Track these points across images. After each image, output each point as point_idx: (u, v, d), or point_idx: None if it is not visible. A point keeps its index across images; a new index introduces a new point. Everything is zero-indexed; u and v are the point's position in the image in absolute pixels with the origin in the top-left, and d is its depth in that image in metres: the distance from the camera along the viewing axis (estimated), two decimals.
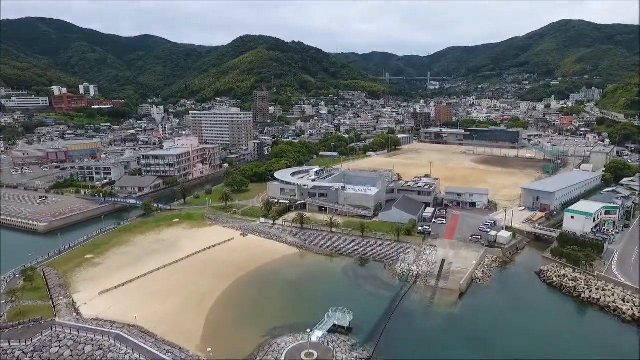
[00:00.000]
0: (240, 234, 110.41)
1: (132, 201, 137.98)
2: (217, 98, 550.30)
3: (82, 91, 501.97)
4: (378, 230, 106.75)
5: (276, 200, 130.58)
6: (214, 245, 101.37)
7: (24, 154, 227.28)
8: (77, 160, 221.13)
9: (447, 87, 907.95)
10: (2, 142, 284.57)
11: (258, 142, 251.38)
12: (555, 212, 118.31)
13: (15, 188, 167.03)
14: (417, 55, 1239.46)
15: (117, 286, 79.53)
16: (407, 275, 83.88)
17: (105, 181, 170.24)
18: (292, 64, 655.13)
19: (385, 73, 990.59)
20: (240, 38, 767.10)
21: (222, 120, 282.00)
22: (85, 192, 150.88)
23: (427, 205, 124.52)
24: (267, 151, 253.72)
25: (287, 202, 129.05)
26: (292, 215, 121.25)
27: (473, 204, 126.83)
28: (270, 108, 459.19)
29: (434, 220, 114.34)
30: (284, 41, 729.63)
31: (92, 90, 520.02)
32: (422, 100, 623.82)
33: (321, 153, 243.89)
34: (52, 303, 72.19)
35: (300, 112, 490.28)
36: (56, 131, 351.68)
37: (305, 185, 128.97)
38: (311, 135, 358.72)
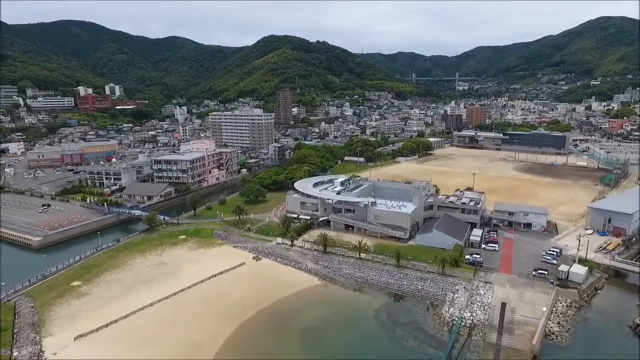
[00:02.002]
0: (253, 257, 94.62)
1: (138, 212, 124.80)
2: (240, 99, 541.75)
3: (107, 91, 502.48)
4: (416, 257, 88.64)
5: (295, 216, 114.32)
6: (222, 272, 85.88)
7: (38, 156, 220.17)
8: (92, 163, 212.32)
9: (476, 87, 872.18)
10: (22, 143, 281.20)
11: (279, 145, 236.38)
12: (634, 239, 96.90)
13: (22, 193, 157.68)
14: (445, 55, 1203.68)
15: (99, 328, 64.98)
16: (458, 325, 65.70)
17: (114, 187, 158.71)
18: (316, 64, 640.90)
19: (412, 73, 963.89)
20: (264, 38, 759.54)
21: (242, 122, 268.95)
22: (90, 200, 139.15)
23: (473, 226, 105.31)
24: (289, 155, 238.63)
25: (308, 218, 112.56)
26: (313, 234, 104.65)
27: (528, 225, 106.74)
28: (293, 109, 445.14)
29: (483, 245, 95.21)
30: (308, 41, 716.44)
31: (117, 91, 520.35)
32: (452, 102, 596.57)
33: (346, 158, 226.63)
34: (11, 355, 58.02)
35: (324, 113, 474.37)
36: (79, 132, 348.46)
37: (329, 199, 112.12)
38: (335, 137, 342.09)
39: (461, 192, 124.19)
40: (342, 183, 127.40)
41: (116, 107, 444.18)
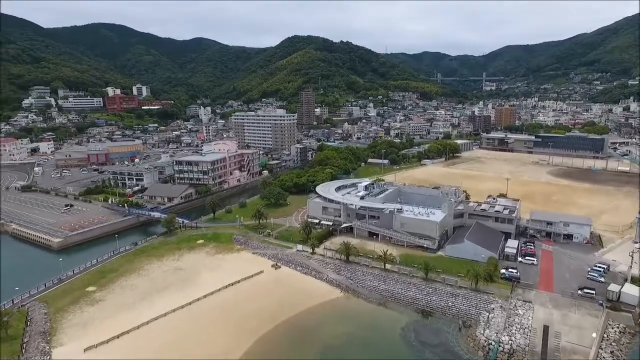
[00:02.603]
0: (272, 265, 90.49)
1: (157, 214, 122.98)
2: (263, 99, 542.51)
3: (135, 92, 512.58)
4: (446, 270, 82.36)
5: (317, 221, 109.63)
6: (239, 281, 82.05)
7: (66, 156, 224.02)
8: (116, 163, 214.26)
9: (504, 87, 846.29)
10: (52, 142, 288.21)
11: (301, 146, 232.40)
12: None
13: (47, 193, 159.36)
14: (471, 54, 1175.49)
15: (109, 340, 62.07)
16: (496, 350, 59.34)
17: (136, 188, 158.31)
18: (339, 64, 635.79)
19: (437, 73, 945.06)
20: (288, 39, 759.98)
21: (264, 123, 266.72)
22: (111, 201, 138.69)
23: (508, 236, 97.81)
24: (311, 156, 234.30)
25: (330, 223, 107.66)
26: (335, 241, 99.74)
27: (569, 236, 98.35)
28: (316, 110, 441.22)
29: (520, 258, 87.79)
30: (332, 41, 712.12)
31: (144, 91, 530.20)
32: (480, 102, 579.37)
33: (370, 160, 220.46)
34: None
35: (347, 114, 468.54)
36: (106, 132, 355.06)
37: (352, 205, 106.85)
38: (358, 138, 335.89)
39: (494, 198, 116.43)
40: (365, 187, 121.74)
41: (142, 107, 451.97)
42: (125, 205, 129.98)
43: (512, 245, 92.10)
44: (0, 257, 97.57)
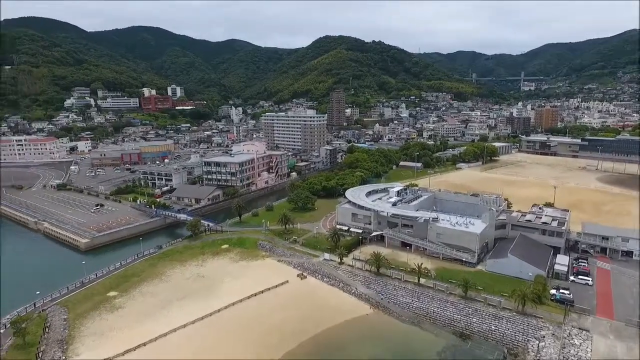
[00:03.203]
0: (298, 275, 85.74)
1: (184, 216, 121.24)
2: (294, 99, 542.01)
3: (169, 92, 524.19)
4: (488, 288, 74.71)
5: (346, 228, 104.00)
6: (262, 291, 77.78)
7: (101, 155, 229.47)
8: (148, 163, 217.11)
9: (544, 88, 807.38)
10: (90, 141, 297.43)
11: (331, 148, 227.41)
12: None
13: (81, 192, 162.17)
14: (509, 53, 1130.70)
15: (126, 352, 59.12)
16: None
17: (165, 188, 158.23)
18: (371, 64, 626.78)
19: (472, 73, 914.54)
20: (319, 39, 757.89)
21: (294, 123, 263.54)
22: (140, 201, 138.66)
23: (557, 251, 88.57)
24: (341, 158, 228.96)
25: (360, 231, 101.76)
26: (365, 250, 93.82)
27: (628, 253, 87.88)
28: (346, 110, 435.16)
29: (572, 277, 78.74)
30: (363, 41, 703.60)
31: (179, 92, 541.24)
32: (519, 103, 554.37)
33: (402, 163, 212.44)
34: None
35: (378, 114, 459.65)
36: (140, 131, 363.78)
37: (383, 212, 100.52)
38: (390, 140, 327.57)
39: (540, 208, 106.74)
40: (398, 193, 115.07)
41: (176, 108, 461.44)
42: (153, 206, 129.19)
43: (562, 261, 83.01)
44: None
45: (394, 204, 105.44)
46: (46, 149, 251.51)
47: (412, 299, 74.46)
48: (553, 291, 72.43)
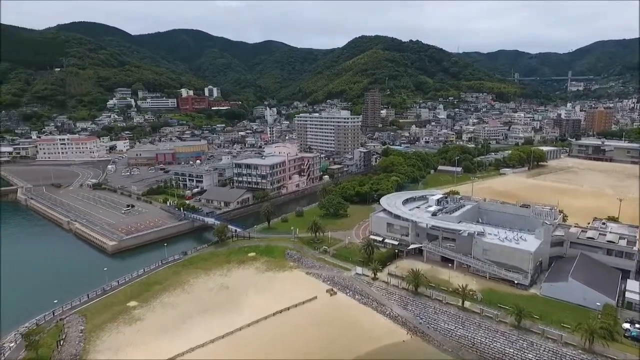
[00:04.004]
0: (327, 290, 79.07)
1: (211, 220, 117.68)
2: (328, 100, 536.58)
3: (206, 93, 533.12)
4: (545, 316, 64.88)
5: (380, 239, 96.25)
6: (289, 308, 71.75)
7: (136, 154, 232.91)
8: (182, 163, 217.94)
9: (594, 88, 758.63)
10: (128, 140, 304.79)
11: (365, 150, 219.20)
12: None
13: (115, 191, 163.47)
14: (554, 52, 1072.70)
15: None
16: None
17: (196, 190, 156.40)
18: (408, 64, 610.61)
19: (514, 73, 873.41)
20: (355, 39, 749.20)
21: (327, 125, 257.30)
22: (170, 203, 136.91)
23: (626, 275, 76.77)
24: (375, 161, 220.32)
25: (396, 243, 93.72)
26: (401, 265, 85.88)
27: None
28: (382, 111, 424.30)
29: None
30: (400, 40, 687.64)
31: (215, 92, 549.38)
32: (568, 104, 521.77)
33: (440, 167, 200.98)
34: None
35: (414, 116, 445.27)
36: (177, 131, 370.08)
37: (422, 223, 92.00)
38: (427, 142, 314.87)
39: (602, 223, 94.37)
40: (438, 201, 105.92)
41: (212, 108, 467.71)
42: (182, 208, 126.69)
43: (634, 288, 71.28)
44: None
45: (434, 214, 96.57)
46: (87, 148, 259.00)
47: (456, 326, 65.90)
48: (627, 325, 61.68)
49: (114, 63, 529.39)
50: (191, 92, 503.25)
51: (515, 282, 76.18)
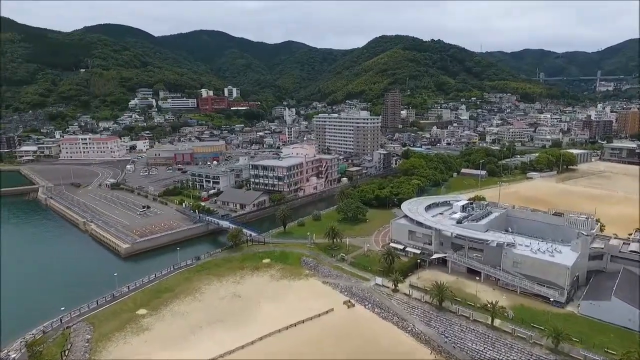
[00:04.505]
0: (344, 302, 74.56)
1: (226, 223, 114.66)
2: (347, 100, 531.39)
3: (226, 93, 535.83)
4: (586, 339, 58.71)
5: (401, 247, 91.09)
6: (303, 321, 67.63)
7: (155, 154, 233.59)
8: (200, 163, 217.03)
9: (625, 88, 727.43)
10: (148, 140, 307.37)
11: (385, 152, 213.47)
12: None
13: (132, 192, 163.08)
14: (582, 51, 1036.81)
15: None
16: None
17: (212, 191, 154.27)
18: (429, 64, 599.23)
19: (540, 73, 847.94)
20: (375, 39, 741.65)
21: (346, 125, 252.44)
22: (185, 204, 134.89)
23: None
24: (395, 163, 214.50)
25: (418, 252, 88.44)
26: (424, 276, 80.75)
27: None
28: (402, 112, 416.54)
29: None
30: (421, 40, 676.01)
31: (235, 93, 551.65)
32: (599, 104, 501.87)
33: (463, 170, 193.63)
34: None
35: (436, 116, 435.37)
36: (196, 131, 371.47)
37: (447, 231, 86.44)
38: (449, 144, 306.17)
39: None
40: (463, 208, 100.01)
41: (231, 108, 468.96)
42: (197, 210, 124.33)
43: None
44: None
45: (459, 222, 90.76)
46: (107, 147, 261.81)
47: (485, 346, 60.42)
48: None
49: (136, 64, 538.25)
50: (211, 93, 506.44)
51: (549, 298, 69.91)
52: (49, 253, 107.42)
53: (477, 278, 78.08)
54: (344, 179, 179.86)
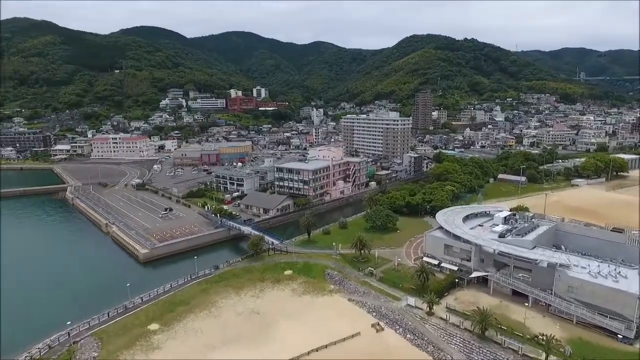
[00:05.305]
0: (373, 325, 67.06)
1: (248, 229, 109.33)
2: (376, 101, 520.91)
3: (254, 94, 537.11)
4: None
5: (436, 262, 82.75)
6: (326, 346, 60.77)
7: (182, 155, 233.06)
8: (226, 164, 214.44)
9: None
10: (176, 140, 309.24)
11: (416, 155, 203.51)
12: None
13: (156, 193, 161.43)
14: (627, 49, 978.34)
15: None
16: None
17: (236, 194, 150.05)
18: (462, 63, 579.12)
19: (580, 72, 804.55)
20: (406, 38, 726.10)
21: (375, 127, 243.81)
22: (207, 207, 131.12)
23: None
24: (426, 167, 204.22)
25: (455, 268, 79.84)
26: (462, 297, 72.22)
27: None
28: (433, 113, 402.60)
29: None
30: (454, 39, 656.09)
31: (263, 93, 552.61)
32: None
33: (500, 176, 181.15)
34: None
35: (469, 118, 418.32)
36: (224, 131, 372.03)
37: (488, 247, 77.38)
38: (483, 147, 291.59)
39: None
40: (505, 219, 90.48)
41: (259, 108, 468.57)
42: (219, 214, 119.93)
43: None
44: None
45: (501, 236, 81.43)
46: (137, 147, 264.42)
47: None
48: None
49: (168, 65, 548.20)
50: (240, 93, 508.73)
51: (612, 332, 59.99)
52: (68, 256, 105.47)
53: (526, 304, 68.39)
54: (372, 183, 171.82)
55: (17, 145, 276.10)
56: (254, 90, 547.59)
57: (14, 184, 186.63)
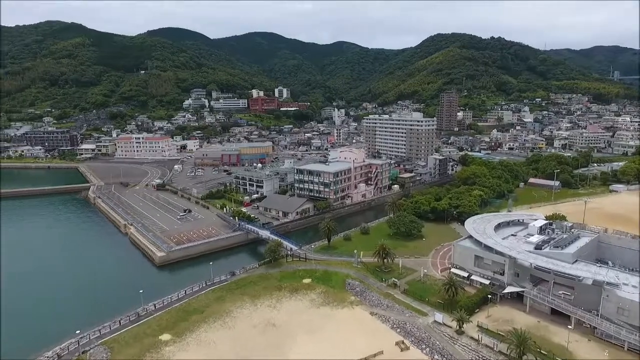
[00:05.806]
0: (397, 343, 62.08)
1: (266, 233, 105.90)
2: (399, 101, 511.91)
3: (276, 94, 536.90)
4: None
5: (466, 275, 76.93)
6: None
7: (203, 155, 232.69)
8: (246, 164, 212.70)
9: None
10: (197, 140, 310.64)
11: (440, 157, 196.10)
12: None
13: (175, 193, 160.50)
14: None
15: None
16: None
17: (255, 196, 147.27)
18: (488, 62, 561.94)
19: (614, 71, 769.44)
20: (430, 37, 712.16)
21: (398, 128, 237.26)
22: (226, 210, 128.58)
23: None
24: (452, 169, 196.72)
25: (487, 282, 73.84)
26: (495, 314, 66.33)
27: None
28: (458, 113, 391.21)
29: None
30: (480, 38, 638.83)
31: (285, 93, 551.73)
32: None
33: (531, 180, 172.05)
34: None
35: (495, 119, 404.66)
36: (245, 131, 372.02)
37: (524, 261, 71.03)
38: (511, 149, 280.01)
39: None
40: (541, 229, 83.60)
41: (281, 109, 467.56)
42: (237, 217, 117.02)
43: None
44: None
45: (538, 247, 74.86)
46: (159, 146, 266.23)
47: None
48: None
49: (192, 65, 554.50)
50: (262, 93, 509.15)
51: None
52: (85, 258, 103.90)
53: (569, 326, 61.85)
54: (395, 186, 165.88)
55: (46, 144, 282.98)
56: (276, 91, 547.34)
57: (41, 183, 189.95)
